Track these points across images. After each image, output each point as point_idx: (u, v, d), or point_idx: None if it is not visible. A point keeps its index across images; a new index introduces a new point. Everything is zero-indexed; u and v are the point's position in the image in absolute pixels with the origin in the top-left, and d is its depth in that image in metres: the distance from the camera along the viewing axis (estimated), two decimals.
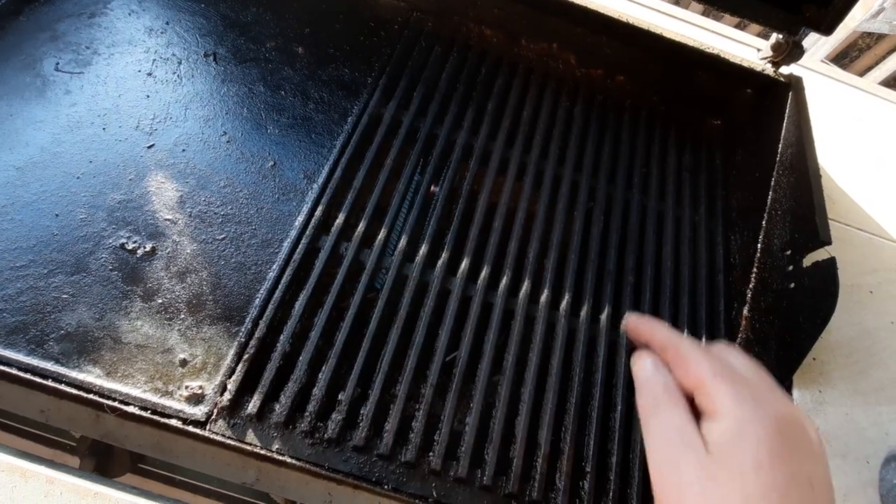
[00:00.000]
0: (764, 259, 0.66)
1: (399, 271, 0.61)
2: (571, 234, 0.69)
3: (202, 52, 0.71)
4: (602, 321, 0.63)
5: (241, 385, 0.51)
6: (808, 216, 0.58)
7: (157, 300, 0.54)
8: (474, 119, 0.75)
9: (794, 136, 0.67)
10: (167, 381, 0.51)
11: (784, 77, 0.74)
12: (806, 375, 0.58)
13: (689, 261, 0.70)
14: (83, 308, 0.52)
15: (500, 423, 0.55)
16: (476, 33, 0.84)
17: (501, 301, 0.62)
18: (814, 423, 0.28)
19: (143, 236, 0.57)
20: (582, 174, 0.74)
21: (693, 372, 0.30)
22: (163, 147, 0.63)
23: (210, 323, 0.54)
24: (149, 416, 0.48)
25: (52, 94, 0.63)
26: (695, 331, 0.65)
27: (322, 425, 0.51)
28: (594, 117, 0.80)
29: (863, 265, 0.69)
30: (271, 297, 0.56)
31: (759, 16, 0.68)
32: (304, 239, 0.60)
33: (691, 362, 0.30)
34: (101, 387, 0.49)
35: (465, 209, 0.67)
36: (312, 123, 0.69)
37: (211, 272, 0.56)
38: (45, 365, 0.49)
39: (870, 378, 0.60)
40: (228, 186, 0.62)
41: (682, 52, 0.78)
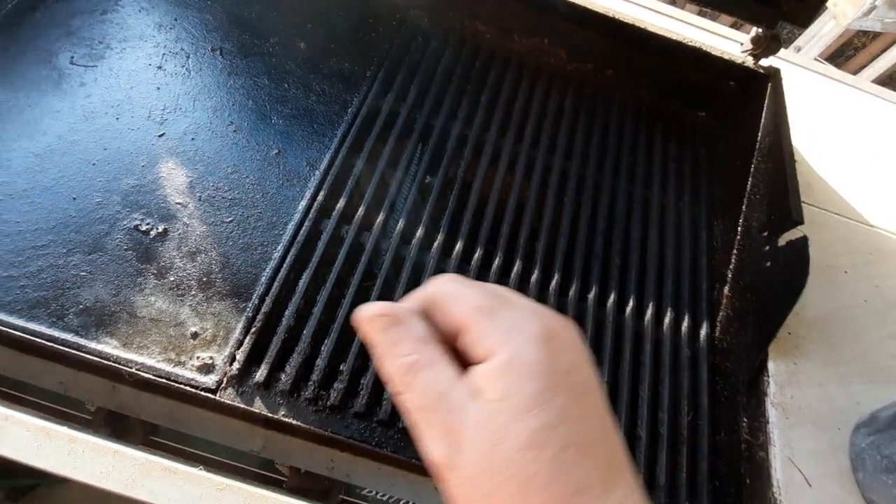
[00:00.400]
0: (743, 241, 0.69)
1: (397, 253, 0.64)
2: (561, 219, 0.72)
3: (209, 46, 0.74)
4: (590, 300, 0.67)
5: (249, 356, 0.54)
6: (782, 198, 0.61)
7: (169, 278, 0.57)
8: (469, 111, 0.78)
9: (772, 123, 0.71)
10: (180, 352, 0.54)
11: (763, 69, 0.78)
12: (782, 348, 0.61)
13: (673, 244, 0.74)
14: (100, 284, 0.56)
15: None
16: (470, 29, 0.88)
17: (493, 280, 0.65)
18: (571, 324, 0.25)
19: (155, 218, 0.60)
20: (571, 163, 0.77)
21: (452, 313, 0.25)
22: (173, 136, 0.66)
23: (219, 299, 0.57)
24: (163, 383, 0.51)
25: (67, 86, 0.67)
26: (678, 308, 0.68)
27: (325, 393, 0.54)
28: (583, 109, 0.84)
29: (839, 247, 0.72)
30: (276, 275, 0.59)
31: (737, 10, 0.71)
32: (307, 222, 0.63)
33: (448, 302, 0.25)
34: (118, 356, 0.52)
35: (459, 196, 0.70)
36: (314, 114, 0.72)
37: (219, 252, 0.60)
38: (66, 336, 0.53)
39: (842, 352, 0.63)
40: (235, 173, 0.65)
41: (668, 47, 0.81)
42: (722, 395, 0.63)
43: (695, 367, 0.65)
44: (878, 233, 0.76)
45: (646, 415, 0.60)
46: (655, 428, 0.60)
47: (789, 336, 0.62)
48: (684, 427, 0.61)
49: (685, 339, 0.66)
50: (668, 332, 0.66)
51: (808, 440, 0.57)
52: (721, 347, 0.66)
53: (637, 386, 0.63)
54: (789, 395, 0.59)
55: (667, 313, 0.68)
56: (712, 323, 0.68)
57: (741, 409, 0.60)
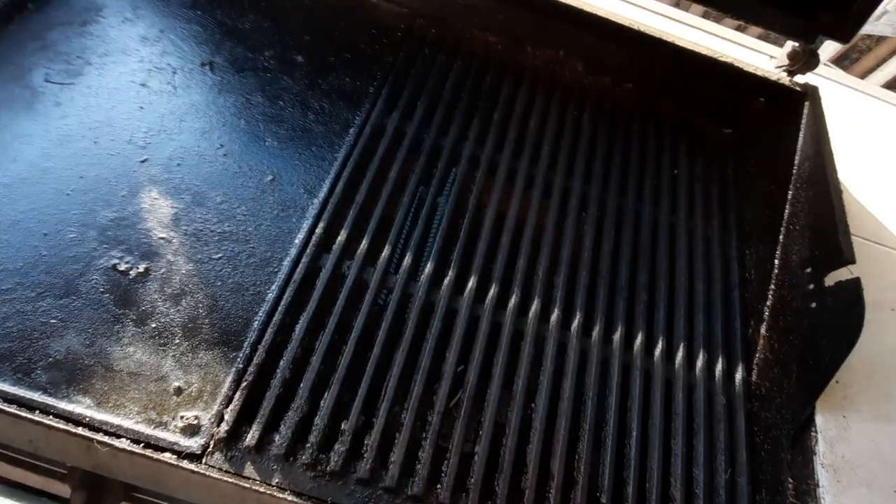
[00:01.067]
0: (782, 276, 0.63)
1: (404, 291, 0.58)
2: (581, 249, 0.66)
3: (198, 61, 0.68)
4: (615, 342, 0.61)
5: (239, 415, 0.48)
6: (829, 233, 0.56)
7: (150, 324, 0.51)
8: (480, 129, 0.72)
9: (812, 148, 0.65)
10: (161, 410, 0.48)
11: (799, 86, 0.72)
12: (829, 400, 0.56)
13: (703, 276, 0.68)
14: (73, 334, 0.50)
15: (511, 451, 0.52)
16: (480, 40, 0.82)
17: (511, 321, 0.59)
18: None
19: (136, 256, 0.54)
20: (591, 185, 0.72)
21: None
22: (157, 161, 0.60)
23: (206, 348, 0.51)
24: (141, 451, 0.45)
25: (41, 107, 0.61)
26: (711, 348, 0.63)
27: (324, 457, 0.49)
28: (603, 126, 0.78)
29: (882, 281, 0.67)
30: (270, 319, 0.53)
31: (775, 24, 0.66)
32: (305, 258, 0.57)
33: None
34: (91, 418, 0.46)
35: (471, 224, 0.65)
36: (313, 135, 0.66)
37: (207, 294, 0.54)
38: (33, 395, 0.47)
39: (894, 401, 0.57)
40: (226, 202, 0.59)
41: (692, 60, 0.76)
42: (762, 448, 0.57)
43: (731, 417, 0.59)
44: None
45: (680, 473, 0.55)
46: (690, 488, 0.55)
47: (837, 385, 0.57)
48: (721, 486, 0.55)
49: (719, 383, 0.61)
50: (700, 376, 0.61)
51: None
52: (759, 394, 0.60)
53: (669, 439, 0.57)
54: (840, 453, 0.53)
55: (699, 355, 0.62)
56: (748, 366, 0.63)
57: (785, 468, 0.54)
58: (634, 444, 0.55)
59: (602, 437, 0.56)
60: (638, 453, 0.55)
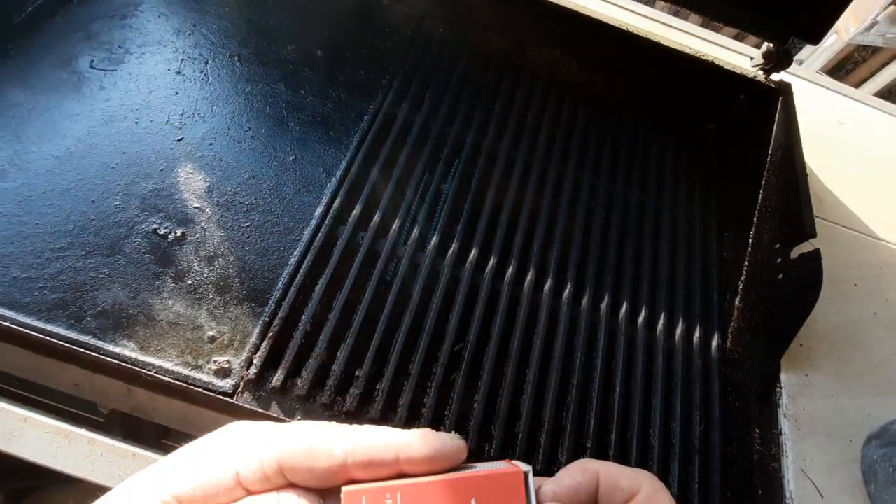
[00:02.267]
0: (754, 253, 0.70)
1: (412, 260, 0.65)
2: (574, 229, 0.73)
3: (228, 52, 0.75)
4: (602, 310, 0.67)
5: (266, 360, 0.54)
6: (795, 211, 0.62)
7: (187, 281, 0.58)
8: (483, 120, 0.79)
9: (783, 137, 0.72)
10: (197, 355, 0.54)
11: (774, 83, 0.79)
12: (794, 360, 0.62)
13: (684, 255, 0.74)
14: (118, 287, 0.56)
15: (506, 401, 0.58)
16: (484, 39, 0.89)
17: (508, 289, 0.65)
18: None
19: (173, 222, 0.61)
20: (584, 173, 0.78)
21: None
22: (191, 140, 0.67)
23: (236, 303, 0.58)
24: (181, 387, 0.51)
25: (87, 90, 0.68)
26: (690, 318, 0.69)
27: (341, 399, 0.55)
28: (596, 120, 0.85)
29: (848, 260, 0.73)
30: (293, 280, 0.59)
31: (749, 26, 0.72)
32: (324, 228, 0.63)
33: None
34: (135, 359, 0.52)
35: (473, 204, 0.71)
36: (331, 121, 0.73)
37: (237, 257, 0.60)
38: (84, 338, 0.53)
39: (853, 365, 0.63)
40: (253, 178, 0.66)
41: (680, 60, 0.82)
42: (734, 406, 0.63)
43: (707, 378, 0.65)
44: (888, 247, 0.77)
45: (658, 425, 0.61)
46: (668, 438, 0.61)
47: (801, 348, 0.63)
48: (696, 437, 0.61)
49: (697, 349, 0.67)
50: (680, 342, 0.67)
51: (820, 452, 0.57)
52: (732, 359, 0.67)
53: (650, 396, 0.63)
54: (802, 406, 0.59)
55: (679, 324, 0.68)
56: (724, 334, 0.69)
57: (753, 421, 0.60)
58: (617, 398, 0.61)
59: (588, 392, 0.62)
60: (621, 407, 0.61)
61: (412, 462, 0.25)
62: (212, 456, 0.26)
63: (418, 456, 0.25)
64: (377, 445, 0.25)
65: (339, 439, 0.26)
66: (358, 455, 0.25)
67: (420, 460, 0.25)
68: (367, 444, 0.25)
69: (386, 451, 0.25)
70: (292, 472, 0.25)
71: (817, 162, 0.85)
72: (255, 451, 0.25)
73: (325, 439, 0.26)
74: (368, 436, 0.26)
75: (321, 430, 0.27)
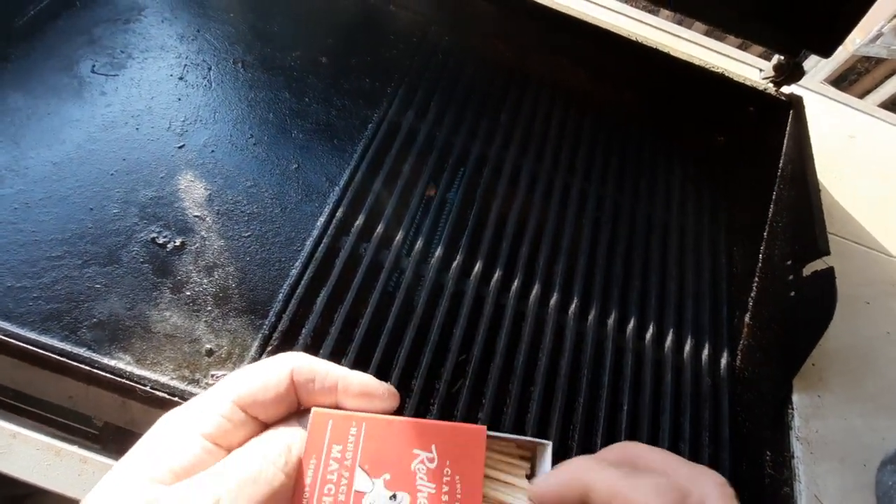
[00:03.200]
0: (765, 269, 0.68)
1: (415, 273, 0.63)
2: (580, 241, 0.71)
3: (231, 59, 0.74)
4: (609, 325, 0.66)
5: None
6: (808, 228, 0.61)
7: (185, 292, 0.56)
8: (488, 129, 0.78)
9: (795, 152, 0.70)
10: (194, 369, 0.53)
11: (785, 96, 0.78)
12: (806, 380, 0.60)
13: (693, 269, 0.73)
14: (115, 298, 0.55)
15: (511, 419, 0.57)
16: (490, 48, 0.88)
17: (513, 303, 0.64)
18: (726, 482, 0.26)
19: (173, 231, 0.59)
20: (591, 184, 0.77)
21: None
22: (193, 147, 0.65)
23: (235, 315, 0.56)
24: (177, 402, 0.50)
25: (88, 95, 0.66)
26: (699, 335, 0.67)
27: None
28: (603, 130, 0.84)
29: (860, 277, 0.71)
30: (294, 292, 0.58)
31: (761, 38, 0.71)
32: (326, 238, 0.62)
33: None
34: (131, 373, 0.51)
35: (478, 215, 0.70)
36: (334, 129, 0.72)
37: (237, 267, 0.59)
38: (79, 350, 0.51)
39: (866, 385, 0.62)
40: (255, 186, 0.65)
41: (688, 71, 0.81)
42: (744, 427, 0.62)
43: (716, 398, 0.64)
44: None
45: (667, 446, 0.59)
46: None
47: (813, 368, 0.61)
48: (706, 459, 0.59)
49: (706, 367, 0.65)
50: (688, 360, 0.65)
51: (834, 476, 0.55)
52: (743, 377, 0.65)
53: (658, 415, 0.61)
54: (814, 429, 0.57)
55: (687, 340, 0.67)
56: (733, 352, 0.67)
57: (765, 443, 0.59)
58: (625, 417, 0.60)
59: (595, 410, 0.60)
60: (628, 426, 0.59)
61: (347, 392, 0.27)
62: (167, 435, 0.25)
63: (353, 388, 0.27)
64: (319, 369, 0.27)
65: (281, 360, 0.27)
66: (303, 373, 0.27)
67: (354, 393, 0.27)
68: (309, 364, 0.27)
69: (327, 377, 0.27)
70: (252, 404, 0.26)
71: (827, 176, 0.84)
72: (207, 407, 0.26)
73: (267, 365, 0.27)
74: (306, 356, 0.28)
75: (259, 363, 0.28)
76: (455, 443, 0.26)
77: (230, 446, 0.25)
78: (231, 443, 0.25)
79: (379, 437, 0.26)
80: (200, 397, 0.26)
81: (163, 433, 0.25)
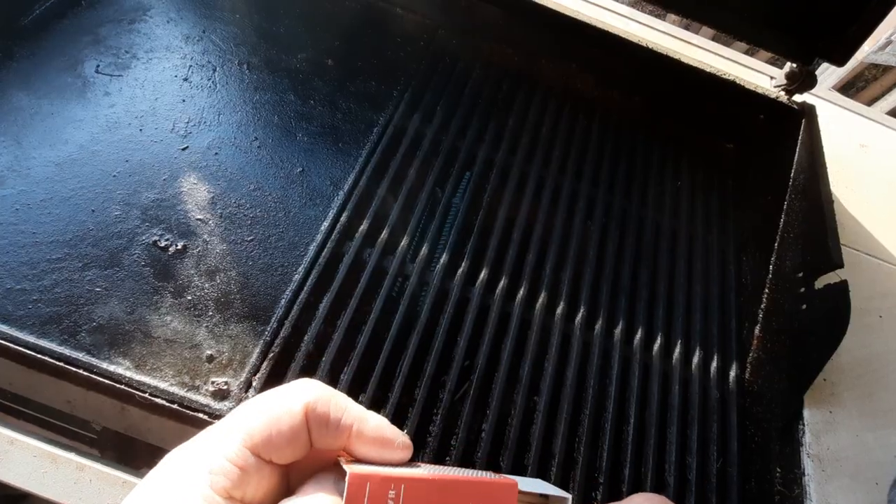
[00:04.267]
0: (776, 281, 0.67)
1: (420, 279, 0.62)
2: (587, 249, 0.70)
3: (237, 60, 0.73)
4: (616, 335, 0.65)
5: (266, 383, 0.52)
6: (820, 240, 0.59)
7: (186, 297, 0.56)
8: (495, 134, 0.77)
9: (807, 162, 0.69)
10: (194, 375, 0.52)
11: (797, 105, 0.77)
12: (817, 395, 0.59)
13: (701, 279, 0.72)
14: (115, 302, 0.54)
15: (516, 430, 0.56)
16: (497, 52, 0.87)
17: (519, 311, 0.63)
18: None
19: (175, 234, 0.59)
20: (598, 190, 0.76)
21: None
22: (196, 149, 0.65)
23: (237, 321, 0.55)
24: (176, 409, 0.49)
25: (91, 95, 0.66)
26: (707, 347, 0.66)
27: None
28: (610, 136, 0.83)
29: (872, 290, 0.70)
30: (296, 298, 0.57)
31: (774, 45, 0.70)
32: (330, 243, 0.61)
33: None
34: (130, 378, 0.50)
35: (484, 221, 0.69)
36: (340, 133, 0.71)
37: (239, 272, 0.58)
38: (77, 355, 0.51)
39: (879, 401, 0.61)
40: (258, 190, 0.64)
41: (697, 77, 0.80)
42: (753, 441, 0.61)
43: (724, 411, 0.63)
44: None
45: (674, 460, 0.58)
46: (684, 474, 0.58)
47: (825, 382, 0.60)
48: (713, 474, 0.58)
49: (714, 380, 0.64)
50: (696, 372, 0.64)
51: (845, 494, 0.54)
52: (752, 391, 0.64)
53: (665, 428, 0.60)
54: (826, 445, 0.56)
55: (695, 352, 0.65)
56: (742, 364, 0.66)
57: (774, 458, 0.58)
58: (632, 430, 0.59)
59: (602, 422, 0.59)
60: (635, 439, 0.58)
61: (360, 438, 0.26)
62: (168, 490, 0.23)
63: (367, 434, 0.26)
64: (334, 407, 0.26)
65: (294, 395, 0.25)
66: (318, 411, 0.25)
67: (367, 439, 0.26)
68: (324, 400, 0.26)
69: (342, 420, 0.25)
70: (266, 446, 0.24)
71: (838, 186, 0.83)
72: (215, 450, 0.23)
73: (279, 399, 0.25)
74: (318, 385, 0.26)
75: (269, 396, 0.26)
76: (490, 498, 0.26)
77: (244, 498, 0.23)
78: (246, 494, 0.23)
79: (417, 499, 0.25)
80: (208, 438, 0.24)
81: (166, 485, 0.23)
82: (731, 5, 0.70)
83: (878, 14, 0.64)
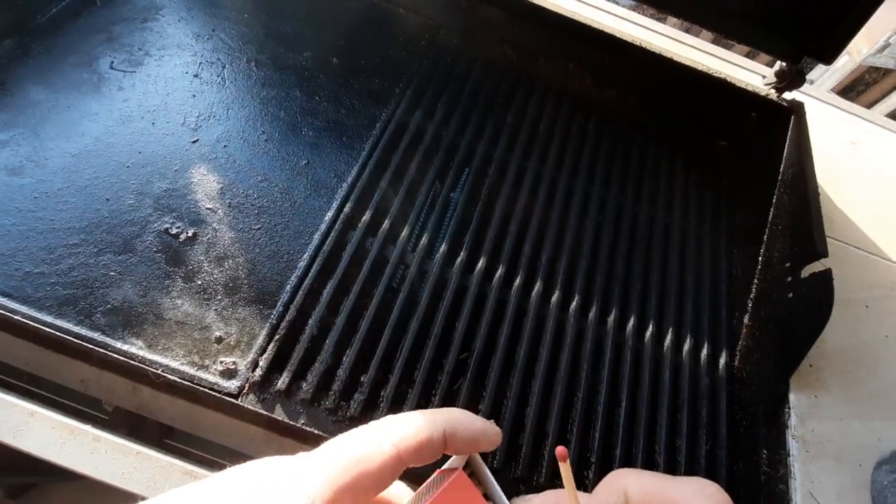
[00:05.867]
0: (764, 271, 0.69)
1: (420, 267, 0.65)
2: (582, 241, 0.73)
3: (245, 58, 0.76)
4: (609, 323, 0.67)
5: (272, 363, 0.55)
6: (806, 231, 0.62)
7: (196, 281, 0.58)
8: (494, 130, 0.79)
9: (795, 156, 0.71)
10: (203, 356, 0.55)
11: (787, 102, 0.79)
12: (803, 380, 0.61)
13: (693, 271, 0.74)
14: (129, 285, 0.56)
15: (511, 412, 0.58)
16: (498, 51, 0.89)
17: (515, 299, 0.65)
18: None
19: (185, 222, 0.61)
20: (594, 186, 0.78)
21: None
22: (206, 142, 0.67)
23: (244, 305, 0.58)
24: (186, 386, 0.51)
25: (106, 90, 0.69)
26: (698, 335, 0.68)
27: (345, 404, 0.54)
28: (607, 134, 0.85)
29: (859, 281, 0.72)
30: (301, 284, 0.60)
31: (763, 45, 0.73)
32: (333, 233, 0.64)
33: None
34: (143, 357, 0.53)
35: (483, 213, 0.71)
36: (344, 128, 0.74)
37: (247, 258, 0.61)
38: (93, 334, 0.53)
39: (863, 387, 0.63)
40: (265, 181, 0.66)
41: (692, 76, 0.83)
42: (741, 425, 0.63)
43: (714, 396, 0.65)
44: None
45: (664, 441, 0.60)
46: (673, 455, 0.60)
47: (811, 368, 0.62)
48: (702, 456, 0.60)
49: (704, 367, 0.66)
50: (687, 359, 0.66)
51: (829, 475, 0.56)
52: (740, 377, 0.66)
53: (656, 412, 0.62)
54: (810, 428, 0.58)
55: (686, 340, 0.68)
56: (731, 352, 0.68)
57: (761, 441, 0.60)
58: (623, 413, 0.61)
59: (594, 405, 0.61)
60: (626, 422, 0.60)
61: (456, 438, 0.26)
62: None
63: (462, 435, 0.26)
64: (467, 438, 0.26)
65: (381, 433, 0.25)
66: (408, 443, 0.25)
67: (463, 441, 0.26)
68: (412, 430, 0.25)
69: (434, 432, 0.25)
70: (353, 488, 0.23)
71: (828, 181, 0.85)
72: (300, 489, 0.22)
73: (367, 438, 0.25)
74: (407, 422, 0.26)
75: (357, 434, 0.25)
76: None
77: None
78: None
79: None
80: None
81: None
82: (722, 6, 0.72)
83: (864, 13, 0.66)
